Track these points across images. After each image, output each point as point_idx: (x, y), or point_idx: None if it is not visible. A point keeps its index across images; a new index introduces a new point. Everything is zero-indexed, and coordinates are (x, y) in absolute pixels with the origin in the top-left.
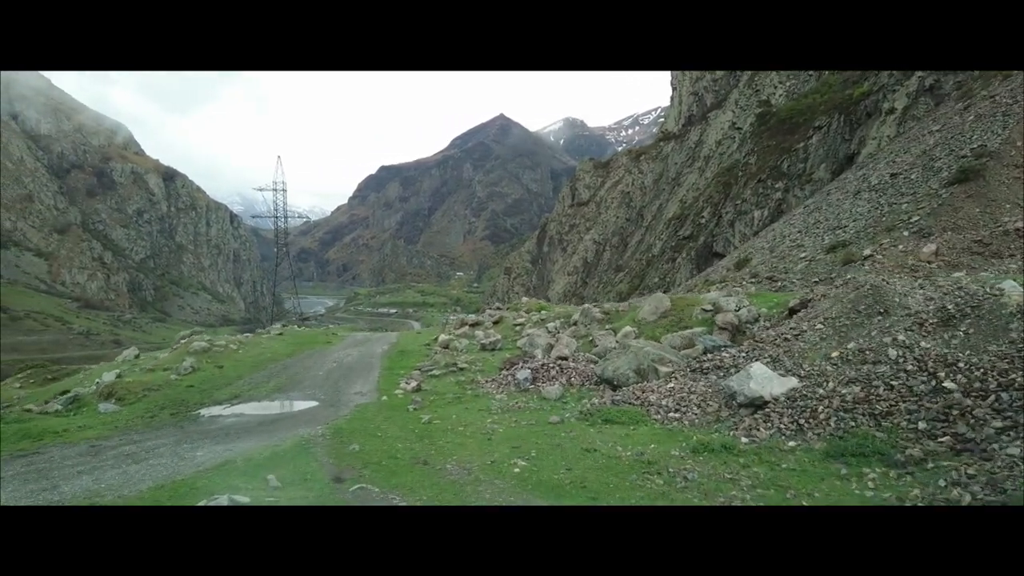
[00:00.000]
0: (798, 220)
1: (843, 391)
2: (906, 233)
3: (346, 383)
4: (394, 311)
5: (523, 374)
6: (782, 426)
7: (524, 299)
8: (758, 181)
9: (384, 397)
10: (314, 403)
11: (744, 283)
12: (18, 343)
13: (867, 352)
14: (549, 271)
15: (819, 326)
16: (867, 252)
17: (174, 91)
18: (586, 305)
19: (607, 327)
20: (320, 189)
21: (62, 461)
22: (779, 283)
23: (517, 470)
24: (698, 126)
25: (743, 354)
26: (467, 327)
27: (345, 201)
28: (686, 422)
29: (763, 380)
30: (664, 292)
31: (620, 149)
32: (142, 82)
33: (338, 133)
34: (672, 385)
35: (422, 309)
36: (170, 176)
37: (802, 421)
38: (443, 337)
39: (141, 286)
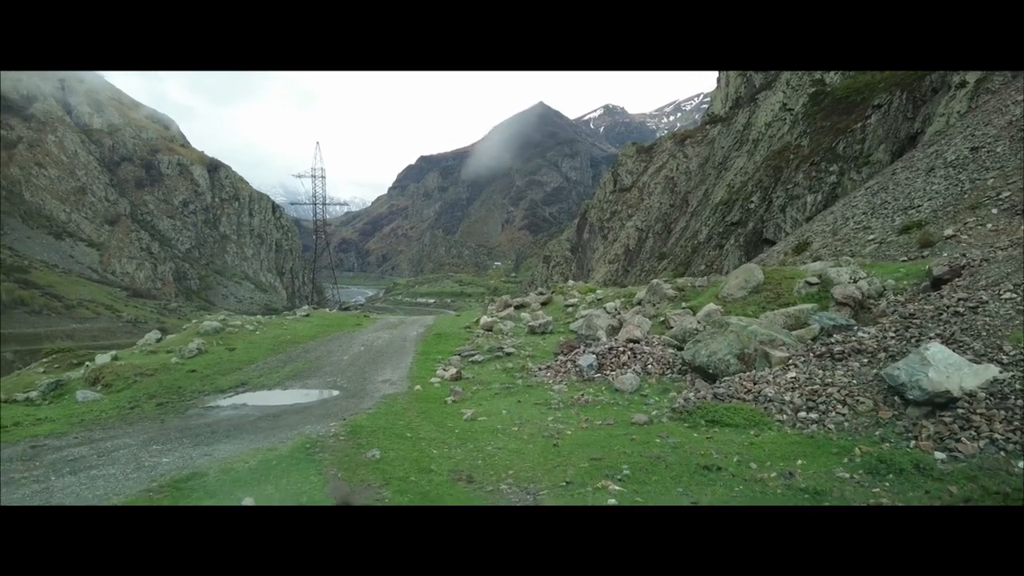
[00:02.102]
0: (861, 201)
1: None
2: (995, 211)
3: (373, 369)
4: (432, 301)
5: (586, 360)
6: (996, 435)
7: (570, 282)
8: (811, 164)
9: (417, 387)
10: (333, 393)
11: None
12: (72, 330)
13: None
14: (589, 259)
15: (1008, 295)
16: (948, 232)
17: (220, 84)
18: (655, 280)
19: (683, 306)
20: (361, 179)
21: None
22: None
23: (613, 500)
24: (746, 108)
25: (891, 334)
26: (511, 309)
27: (385, 191)
28: (830, 425)
29: (948, 368)
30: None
31: (661, 135)
32: (191, 76)
33: (379, 124)
34: (794, 375)
35: (460, 299)
36: (214, 167)
37: None
38: (485, 319)
39: (186, 275)
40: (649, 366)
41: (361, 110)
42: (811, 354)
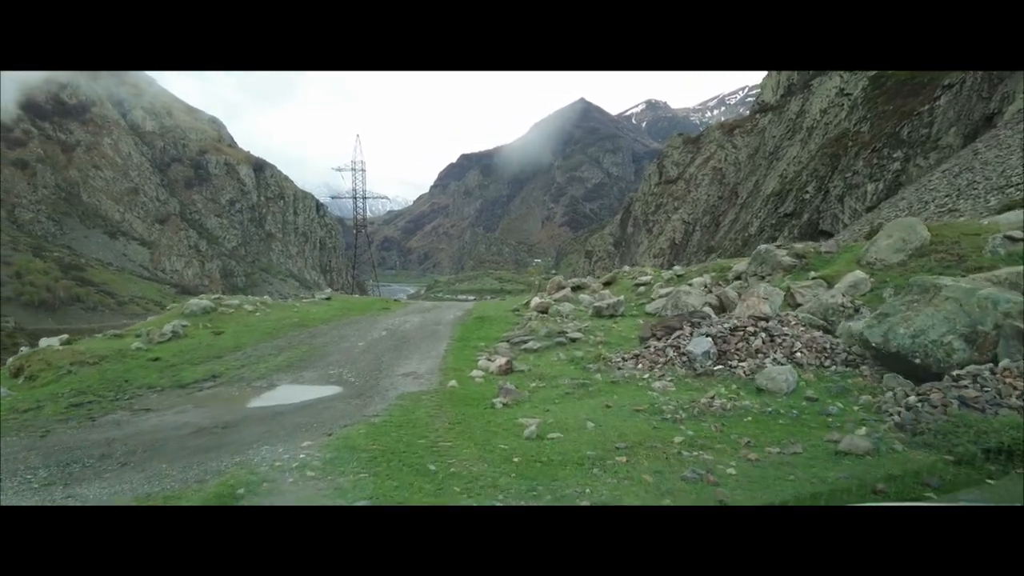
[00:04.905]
0: (940, 184)
1: None
2: None
3: (393, 359)
4: (472, 298)
5: (700, 345)
6: None
7: (626, 268)
8: (872, 151)
9: (452, 382)
10: (333, 389)
11: None
12: (123, 326)
13: None
14: (633, 253)
15: None
16: None
17: (264, 84)
18: (763, 246)
19: (810, 276)
20: (403, 179)
21: None
22: None
23: None
24: (799, 95)
25: None
26: (567, 291)
27: (427, 190)
28: None
29: None
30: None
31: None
32: (240, 76)
33: (421, 124)
34: None
35: (500, 295)
36: (260, 167)
37: None
38: (538, 301)
39: (233, 272)
40: (797, 354)
41: (403, 110)
42: None
